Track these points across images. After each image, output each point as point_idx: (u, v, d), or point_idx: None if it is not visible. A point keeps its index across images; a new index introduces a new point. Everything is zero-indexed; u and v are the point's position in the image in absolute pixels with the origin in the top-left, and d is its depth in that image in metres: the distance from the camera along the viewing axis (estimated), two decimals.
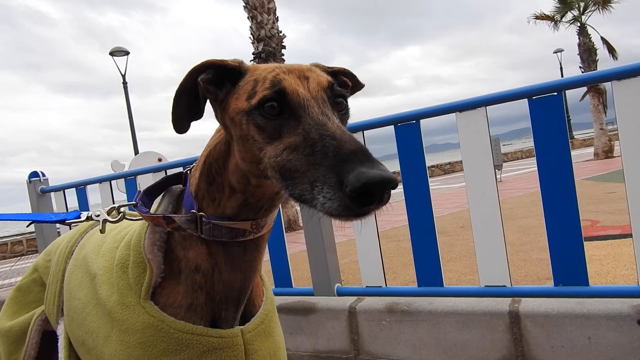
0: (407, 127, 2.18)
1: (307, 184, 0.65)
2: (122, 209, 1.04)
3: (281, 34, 8.60)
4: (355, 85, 0.95)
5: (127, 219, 1.04)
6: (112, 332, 0.89)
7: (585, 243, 3.73)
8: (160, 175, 3.11)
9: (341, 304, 2.18)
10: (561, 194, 1.88)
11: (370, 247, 2.35)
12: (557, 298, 1.80)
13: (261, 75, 0.77)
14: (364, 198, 0.60)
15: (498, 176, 11.21)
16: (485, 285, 2.03)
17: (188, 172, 0.94)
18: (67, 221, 1.08)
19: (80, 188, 3.44)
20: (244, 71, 0.80)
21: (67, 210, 3.61)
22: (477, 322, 1.84)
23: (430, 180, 2.21)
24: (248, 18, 8.58)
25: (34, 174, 3.62)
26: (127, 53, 14.30)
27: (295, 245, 5.03)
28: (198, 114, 0.83)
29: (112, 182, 3.41)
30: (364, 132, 2.30)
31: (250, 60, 9.07)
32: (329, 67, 0.89)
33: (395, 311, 2.01)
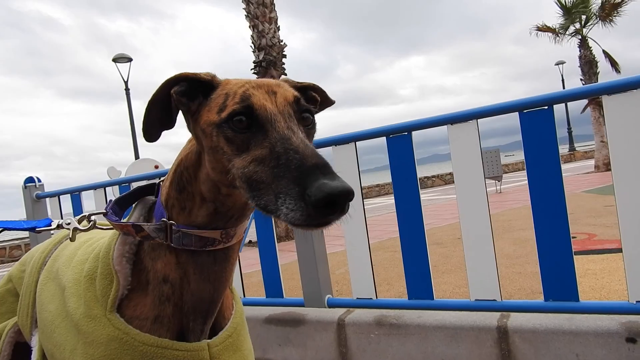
0: (399, 138, 2.17)
1: (271, 195, 0.68)
2: (92, 218, 1.03)
3: (282, 43, 8.65)
4: (324, 101, 0.96)
5: (97, 227, 1.04)
6: (78, 345, 0.89)
7: (581, 257, 3.72)
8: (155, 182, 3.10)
9: (330, 316, 2.16)
10: (552, 208, 1.87)
11: (362, 259, 2.34)
12: (547, 313, 1.79)
13: (232, 89, 0.79)
14: (326, 208, 0.63)
15: (497, 187, 11.18)
16: (476, 299, 2.02)
17: (160, 183, 0.94)
18: (37, 229, 1.08)
19: (75, 194, 3.44)
20: (216, 85, 0.82)
21: (61, 216, 3.61)
22: (465, 336, 1.82)
23: (430, 190, 2.22)
24: (249, 27, 8.64)
25: (30, 180, 3.63)
26: (130, 60, 14.39)
27: (292, 255, 5.01)
28: (169, 124, 0.85)
29: (107, 188, 3.41)
30: (356, 142, 2.30)
31: (251, 69, 9.11)
32: (298, 83, 0.90)
33: (384, 324, 2.00)
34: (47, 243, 1.25)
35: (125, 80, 14.37)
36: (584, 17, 15.07)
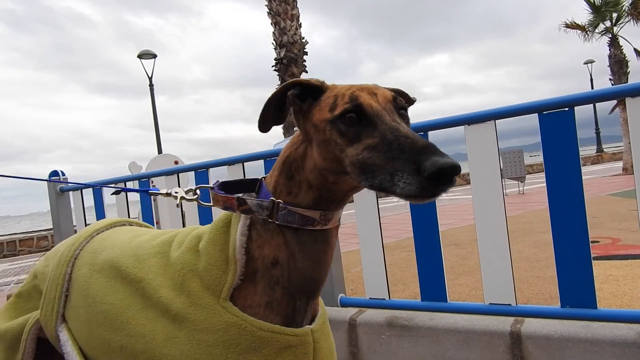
0: None
1: (386, 174, 0.79)
2: (197, 192, 1.17)
3: (303, 40, 8.66)
4: (407, 101, 1.05)
5: (200, 203, 1.15)
6: (180, 333, 0.94)
7: (603, 262, 3.63)
8: (173, 178, 3.15)
9: (342, 315, 2.16)
10: (571, 212, 1.82)
11: (375, 259, 2.33)
12: (562, 320, 1.75)
13: (340, 92, 0.91)
14: (438, 180, 0.74)
15: (520, 188, 10.97)
16: (490, 303, 1.99)
17: (263, 178, 1.05)
18: (149, 191, 1.29)
19: (97, 189, 3.51)
20: (324, 89, 0.95)
21: (83, 209, 3.70)
22: (477, 340, 1.79)
23: (450, 190, 2.19)
24: (271, 24, 8.67)
25: (54, 173, 3.72)
26: (154, 56, 14.60)
27: None
28: (280, 121, 0.98)
29: (128, 183, 3.48)
30: None
31: (272, 66, 9.15)
32: (386, 88, 1.01)
33: (396, 325, 1.98)
34: (73, 238, 1.27)
35: (150, 76, 14.60)
36: (614, 15, 14.62)
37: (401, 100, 0.95)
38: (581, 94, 1.79)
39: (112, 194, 1.53)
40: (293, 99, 0.95)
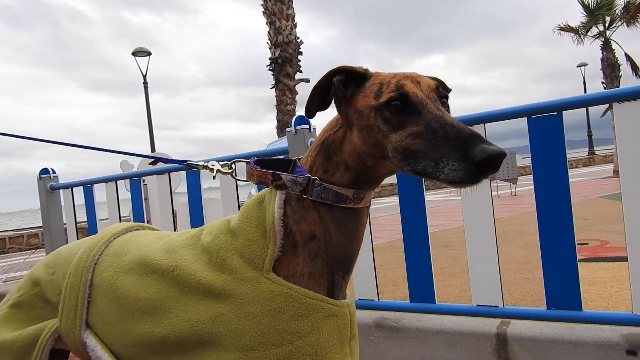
0: None
1: (430, 161, 0.83)
2: (232, 166, 1.20)
3: (298, 40, 8.66)
4: (444, 90, 1.07)
5: (234, 177, 1.19)
6: (225, 309, 0.96)
7: (592, 264, 3.66)
8: (164, 177, 3.15)
9: None
10: (558, 215, 1.84)
11: (365, 261, 2.33)
12: (548, 322, 1.77)
13: (385, 80, 0.94)
14: (486, 167, 0.77)
15: (512, 190, 11.04)
16: (477, 305, 2.00)
17: (297, 159, 1.08)
18: (188, 162, 1.32)
19: (88, 186, 3.50)
20: (368, 76, 0.97)
21: (74, 207, 3.68)
22: (464, 342, 1.81)
23: (443, 191, 2.20)
24: (266, 23, 8.66)
25: (45, 171, 3.70)
26: (149, 54, 14.55)
27: None
28: (325, 106, 1.01)
29: (119, 182, 3.47)
30: None
31: (267, 66, 9.14)
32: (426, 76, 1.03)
33: (384, 326, 1.99)
34: (89, 244, 1.24)
35: (144, 74, 14.53)
36: (607, 18, 14.75)
37: (443, 89, 0.97)
38: (569, 98, 1.81)
39: (149, 164, 1.54)
40: (337, 84, 0.98)
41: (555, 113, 1.83)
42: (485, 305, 1.97)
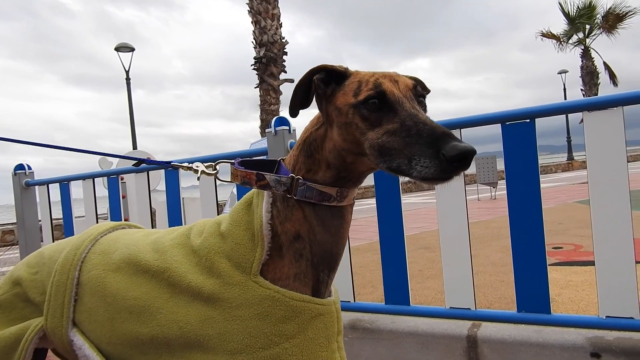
0: None
1: (404, 158, 0.85)
2: (217, 167, 1.23)
3: (284, 40, 8.65)
4: (423, 90, 1.10)
5: (218, 178, 1.21)
6: (215, 312, 0.97)
7: (565, 268, 3.74)
8: (143, 175, 3.12)
9: None
10: (528, 220, 1.89)
11: (342, 262, 2.34)
12: (517, 325, 1.80)
13: (364, 78, 0.96)
14: (458, 163, 0.79)
15: (492, 194, 11.20)
16: (450, 307, 2.03)
17: (282, 159, 1.09)
18: (171, 163, 1.33)
19: (64, 183, 3.45)
20: (348, 74, 1.00)
21: (49, 204, 3.62)
22: (436, 344, 1.84)
23: (422, 194, 2.22)
24: (252, 23, 8.64)
25: (20, 167, 3.63)
26: (132, 49, 14.36)
27: None
28: (306, 104, 1.02)
29: (96, 179, 3.42)
30: None
31: (251, 65, 9.11)
32: (405, 76, 1.05)
33: (358, 328, 2.01)
34: (75, 242, 1.24)
35: (127, 69, 14.34)
36: (587, 27, 15.08)
37: (420, 89, 1.00)
38: (542, 106, 1.86)
39: (132, 165, 1.53)
40: (318, 83, 1.00)
41: (528, 120, 1.87)
42: (458, 307, 2.01)
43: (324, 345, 1.00)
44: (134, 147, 14.23)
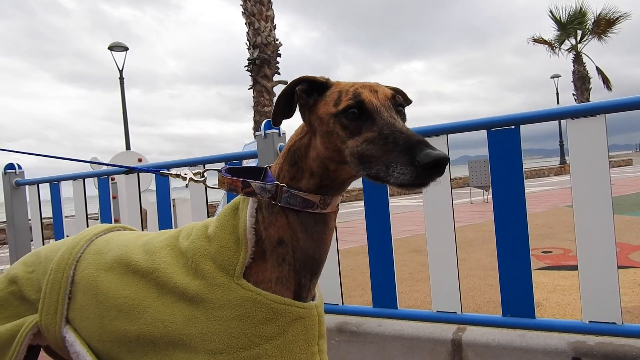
0: None
1: (382, 165, 0.88)
2: (205, 174, 1.27)
3: (277, 42, 8.66)
4: (404, 100, 1.12)
5: (206, 185, 1.25)
6: (199, 312, 1.00)
7: (553, 272, 3.78)
8: (134, 176, 3.12)
9: None
10: (513, 225, 1.91)
11: (330, 265, 2.36)
12: (501, 329, 1.82)
13: (344, 88, 1.00)
14: (431, 170, 0.82)
15: (485, 197, 11.27)
16: (437, 311, 2.05)
17: (268, 167, 1.12)
18: (160, 171, 1.35)
19: (54, 183, 3.44)
20: (329, 85, 1.03)
21: (39, 204, 3.60)
22: (421, 347, 1.86)
23: (415, 196, 2.24)
24: (246, 24, 8.64)
25: (10, 166, 3.61)
26: (126, 49, 14.32)
27: None
28: (290, 114, 1.05)
29: (87, 179, 3.41)
30: None
31: (245, 66, 9.11)
32: (386, 86, 1.09)
33: (345, 331, 2.03)
34: (71, 242, 1.27)
35: (120, 69, 14.29)
36: (579, 32, 15.22)
37: (399, 98, 1.03)
38: (526, 113, 1.88)
39: (123, 173, 1.57)
40: (300, 93, 1.03)
41: (513, 127, 1.89)
42: (444, 311, 2.02)
43: (303, 347, 1.02)
44: (127, 146, 14.17)
